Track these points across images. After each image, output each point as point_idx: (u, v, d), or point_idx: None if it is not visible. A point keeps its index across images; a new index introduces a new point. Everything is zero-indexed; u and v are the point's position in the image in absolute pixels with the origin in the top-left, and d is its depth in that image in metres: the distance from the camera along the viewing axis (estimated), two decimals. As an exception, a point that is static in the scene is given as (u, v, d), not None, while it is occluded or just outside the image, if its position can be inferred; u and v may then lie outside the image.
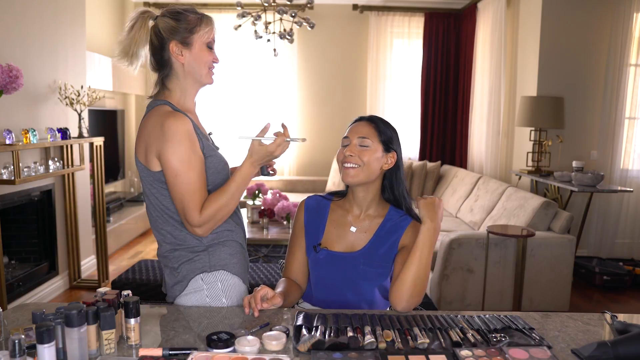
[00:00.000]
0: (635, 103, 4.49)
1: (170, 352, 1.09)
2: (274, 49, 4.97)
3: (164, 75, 1.45)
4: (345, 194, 1.59)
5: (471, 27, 5.62)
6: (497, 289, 3.36)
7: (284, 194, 4.30)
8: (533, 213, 3.49)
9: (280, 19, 4.74)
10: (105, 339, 1.09)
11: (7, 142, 2.84)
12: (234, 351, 1.11)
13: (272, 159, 1.42)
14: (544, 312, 1.41)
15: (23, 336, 0.97)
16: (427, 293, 3.56)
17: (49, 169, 3.32)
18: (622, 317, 1.34)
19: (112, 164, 5.12)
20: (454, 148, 6.11)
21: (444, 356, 1.11)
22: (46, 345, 0.96)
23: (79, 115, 3.73)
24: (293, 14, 4.32)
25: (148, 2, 5.88)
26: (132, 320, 1.14)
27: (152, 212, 1.45)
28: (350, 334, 1.17)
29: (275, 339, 1.14)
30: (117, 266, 4.36)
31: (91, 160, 3.93)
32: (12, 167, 2.91)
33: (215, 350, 1.10)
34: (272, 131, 1.41)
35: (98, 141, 3.87)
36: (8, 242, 3.44)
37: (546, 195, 4.39)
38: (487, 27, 5.26)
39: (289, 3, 4.47)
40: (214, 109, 5.90)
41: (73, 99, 3.64)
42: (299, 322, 1.23)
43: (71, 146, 3.62)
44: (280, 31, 4.72)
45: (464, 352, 1.12)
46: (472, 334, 1.21)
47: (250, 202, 4.35)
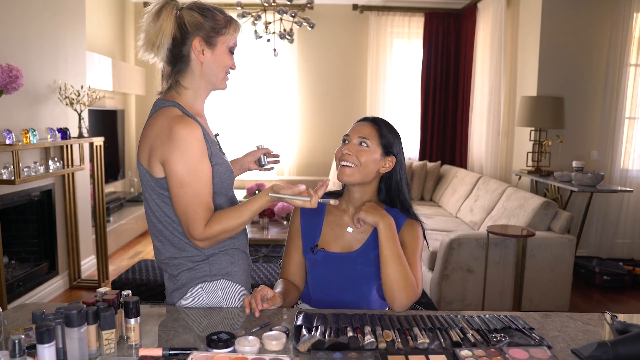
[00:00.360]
0: (635, 103, 4.49)
1: (170, 352, 1.09)
2: (274, 49, 4.97)
3: (178, 71, 1.38)
4: (341, 194, 1.59)
5: (471, 27, 5.62)
6: (497, 289, 3.36)
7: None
8: (533, 213, 3.48)
9: (280, 19, 4.74)
10: (105, 339, 1.09)
11: (7, 142, 2.84)
12: (234, 351, 1.11)
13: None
14: (544, 312, 1.41)
15: (23, 336, 0.97)
16: (427, 293, 3.56)
17: (49, 169, 3.32)
18: (622, 317, 1.34)
19: (112, 164, 5.12)
20: (454, 148, 6.11)
21: (444, 356, 1.11)
22: (46, 345, 0.96)
23: (79, 115, 3.73)
24: (293, 14, 4.32)
25: (148, 2, 5.87)
26: (132, 320, 1.13)
27: (151, 217, 1.40)
28: (350, 334, 1.17)
29: (275, 339, 1.14)
30: (117, 266, 4.36)
31: (91, 160, 3.93)
32: (12, 167, 2.91)
33: (215, 350, 1.10)
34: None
35: (98, 141, 3.87)
36: (8, 242, 3.44)
37: (546, 195, 4.39)
38: (487, 27, 5.26)
39: (289, 3, 4.47)
40: (213, 109, 5.90)
41: (73, 99, 3.64)
42: (299, 322, 1.23)
43: (71, 146, 3.62)
44: (280, 31, 4.72)
45: (464, 352, 1.12)
46: (472, 334, 1.21)
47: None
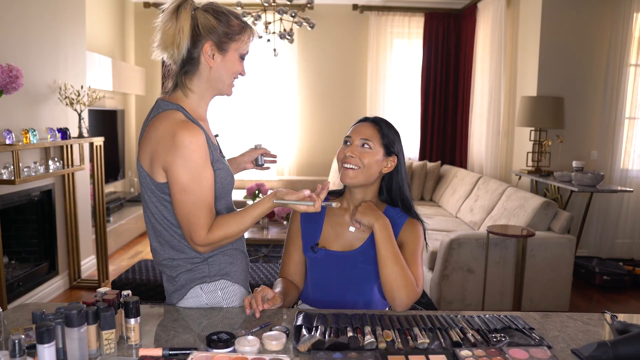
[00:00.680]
0: (635, 103, 4.49)
1: (170, 352, 1.09)
2: (274, 49, 4.97)
3: (185, 72, 1.35)
4: (342, 193, 1.60)
5: (471, 27, 5.62)
6: (497, 289, 3.36)
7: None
8: (533, 213, 3.48)
9: (280, 19, 4.74)
10: (105, 339, 1.09)
11: (7, 142, 2.84)
12: (234, 351, 1.11)
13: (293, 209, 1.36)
14: (544, 312, 1.41)
15: (23, 336, 0.97)
16: (427, 293, 3.56)
17: (49, 169, 3.32)
18: (622, 317, 1.34)
19: (112, 164, 5.12)
20: (454, 148, 6.11)
21: (444, 356, 1.11)
22: (46, 345, 0.96)
23: (79, 115, 3.73)
24: (293, 14, 4.33)
25: (148, 2, 5.88)
26: (132, 320, 1.13)
27: (150, 218, 1.39)
28: (350, 334, 1.17)
29: (275, 339, 1.14)
30: (117, 266, 4.36)
31: (91, 160, 3.93)
32: (12, 167, 2.91)
33: (215, 350, 1.10)
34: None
35: (98, 141, 3.87)
36: (8, 242, 3.44)
37: (546, 195, 4.39)
38: (487, 27, 5.26)
39: (289, 3, 4.47)
40: (213, 109, 5.90)
41: (73, 99, 3.64)
42: (299, 322, 1.23)
43: (71, 146, 3.62)
44: (280, 31, 4.72)
45: (464, 352, 1.12)
46: (472, 334, 1.21)
47: (250, 202, 4.35)
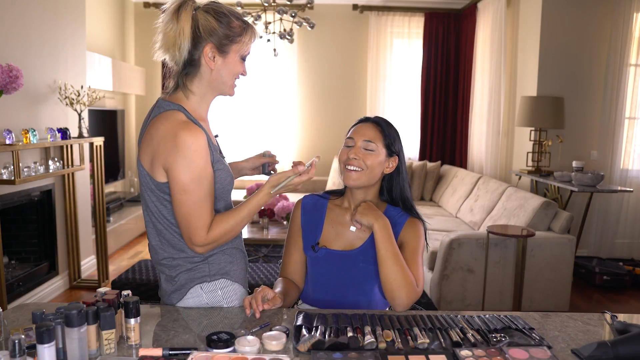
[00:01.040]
0: (635, 103, 4.49)
1: (170, 352, 1.09)
2: (274, 49, 4.97)
3: (186, 74, 1.34)
4: (342, 192, 1.60)
5: (471, 27, 5.62)
6: (497, 289, 3.36)
7: (284, 194, 4.30)
8: (533, 213, 3.48)
9: (280, 19, 4.74)
10: (105, 339, 1.09)
11: (7, 142, 2.84)
12: (234, 351, 1.11)
13: (290, 190, 1.40)
14: (544, 312, 1.41)
15: (23, 336, 0.97)
16: (427, 293, 3.56)
17: (49, 169, 3.32)
18: (622, 317, 1.34)
19: (112, 164, 5.12)
20: (454, 148, 6.11)
21: (444, 356, 1.11)
22: (46, 345, 0.96)
23: (79, 115, 3.73)
24: (293, 14, 4.32)
25: (148, 2, 5.88)
26: (132, 320, 1.13)
27: (150, 217, 1.38)
28: (350, 334, 1.17)
29: (275, 339, 1.14)
30: (117, 266, 4.36)
31: (91, 160, 3.93)
32: (12, 167, 2.91)
33: (215, 350, 1.10)
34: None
35: (98, 141, 3.87)
36: (8, 242, 3.44)
37: (546, 195, 4.39)
38: (487, 27, 5.26)
39: (289, 3, 4.47)
40: (213, 109, 5.88)
41: (73, 99, 3.63)
42: (299, 322, 1.23)
43: (71, 146, 3.62)
44: (280, 31, 4.72)
45: (464, 352, 1.12)
46: (472, 334, 1.21)
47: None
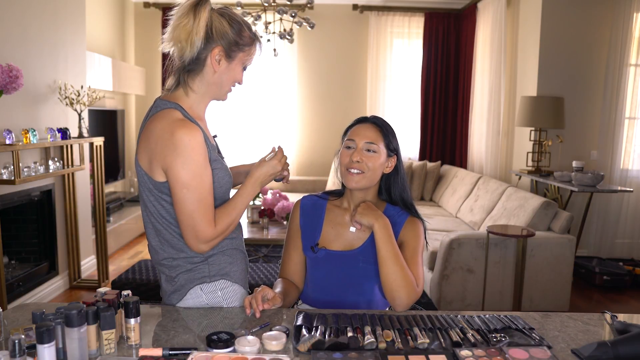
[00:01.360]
0: (635, 103, 4.49)
1: (170, 352, 1.09)
2: (274, 49, 4.97)
3: (189, 70, 1.35)
4: (341, 193, 1.59)
5: (471, 27, 5.62)
6: (497, 289, 3.36)
7: (284, 194, 4.30)
8: (533, 213, 3.48)
9: (280, 19, 4.74)
10: (105, 339, 1.09)
11: (7, 142, 2.84)
12: (234, 351, 1.11)
13: (272, 177, 1.44)
14: (544, 312, 1.41)
15: (23, 336, 0.97)
16: (427, 293, 3.56)
17: (49, 169, 3.32)
18: (622, 317, 1.34)
19: (112, 164, 5.12)
20: (454, 148, 6.11)
21: (444, 356, 1.11)
22: (46, 345, 0.96)
23: (79, 115, 3.73)
24: (293, 14, 4.32)
25: (148, 2, 5.88)
26: (132, 320, 1.13)
27: (149, 218, 1.38)
28: (350, 334, 1.17)
29: (275, 339, 1.14)
30: (117, 266, 4.36)
31: (91, 160, 3.93)
32: (12, 167, 2.91)
33: (215, 350, 1.10)
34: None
35: (98, 141, 3.87)
36: (8, 242, 3.44)
37: (546, 195, 4.39)
38: (487, 27, 5.26)
39: (289, 3, 4.47)
40: (213, 109, 5.90)
41: (73, 99, 3.63)
42: (299, 322, 1.23)
43: (71, 146, 3.62)
44: (280, 31, 4.72)
45: (464, 352, 1.12)
46: (472, 334, 1.21)
47: (250, 202, 4.35)
